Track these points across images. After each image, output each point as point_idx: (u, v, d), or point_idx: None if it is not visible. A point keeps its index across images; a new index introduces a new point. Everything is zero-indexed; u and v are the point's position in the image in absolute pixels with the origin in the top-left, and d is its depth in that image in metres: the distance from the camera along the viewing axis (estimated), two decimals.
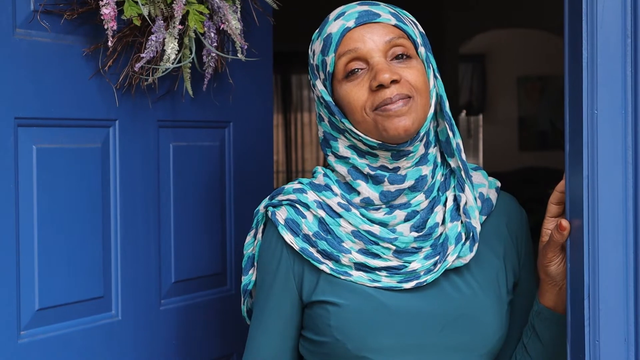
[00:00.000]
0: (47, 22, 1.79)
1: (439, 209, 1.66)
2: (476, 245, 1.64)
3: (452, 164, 1.68)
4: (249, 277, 1.74)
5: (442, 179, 1.69)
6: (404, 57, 1.61)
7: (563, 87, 1.53)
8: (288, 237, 1.64)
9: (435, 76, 1.66)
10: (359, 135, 1.60)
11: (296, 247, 1.63)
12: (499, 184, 1.76)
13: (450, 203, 1.67)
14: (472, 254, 1.64)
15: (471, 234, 1.64)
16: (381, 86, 1.57)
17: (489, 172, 1.76)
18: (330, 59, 1.61)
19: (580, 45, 1.43)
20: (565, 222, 1.54)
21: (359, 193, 1.64)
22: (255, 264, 1.73)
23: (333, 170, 1.69)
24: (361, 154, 1.63)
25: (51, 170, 1.82)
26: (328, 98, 1.63)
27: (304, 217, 1.64)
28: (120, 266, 1.97)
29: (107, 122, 1.93)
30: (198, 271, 2.17)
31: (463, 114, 10.06)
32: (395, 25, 1.62)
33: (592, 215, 1.44)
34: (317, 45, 1.65)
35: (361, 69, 1.60)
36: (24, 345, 1.77)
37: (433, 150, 1.67)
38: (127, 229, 1.98)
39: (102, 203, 1.93)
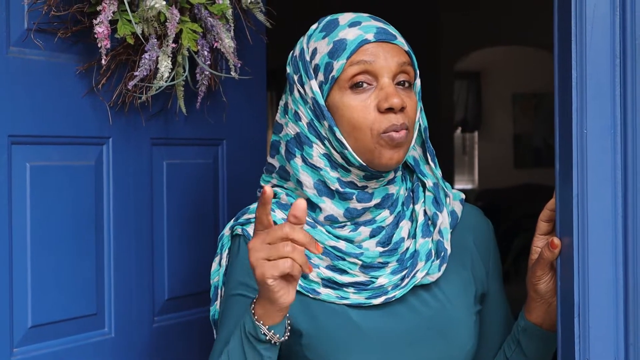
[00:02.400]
0: (41, 41, 1.80)
1: (404, 223, 1.66)
2: (444, 266, 1.64)
3: (430, 184, 1.69)
4: (215, 307, 1.71)
5: (406, 194, 1.69)
6: (406, 84, 1.61)
7: None
8: None
9: (420, 108, 1.66)
10: (345, 149, 1.58)
11: None
12: (463, 196, 1.75)
13: (421, 218, 1.67)
14: (440, 274, 1.64)
15: (442, 254, 1.64)
16: (389, 109, 1.56)
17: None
18: (339, 64, 1.58)
19: (570, 65, 1.44)
20: (557, 240, 1.54)
21: (321, 210, 1.63)
22: (220, 290, 1.69)
23: (293, 186, 1.66)
24: (334, 165, 1.61)
25: (45, 188, 1.82)
26: (322, 102, 1.60)
27: None
28: (114, 283, 1.97)
29: (100, 140, 1.94)
30: (191, 288, 2.17)
31: (458, 130, 10.08)
32: (407, 52, 1.62)
33: (582, 234, 1.44)
34: (322, 45, 1.61)
35: (368, 84, 1.58)
36: None
37: (399, 173, 1.68)
38: (121, 246, 1.98)
39: (96, 220, 1.93)
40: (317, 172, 1.62)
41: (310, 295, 1.60)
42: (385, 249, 1.63)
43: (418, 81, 1.65)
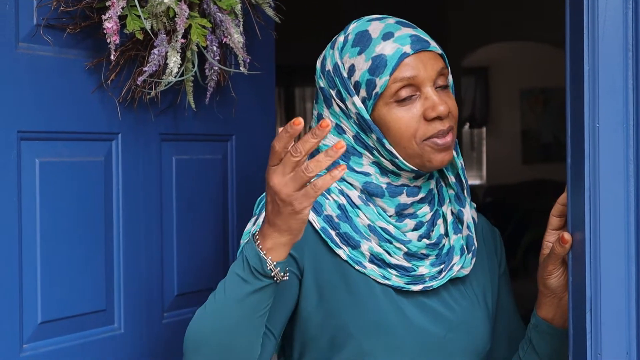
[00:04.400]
0: (50, 36, 1.80)
1: (439, 222, 1.70)
2: (474, 259, 1.70)
3: (452, 179, 1.71)
4: None
5: (437, 192, 1.73)
6: (444, 87, 1.64)
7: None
8: (310, 215, 1.59)
9: None
10: (397, 158, 1.61)
11: (317, 226, 1.60)
12: (475, 206, 1.80)
13: (450, 217, 1.70)
14: (471, 267, 1.69)
15: (472, 248, 1.69)
16: (437, 117, 1.59)
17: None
18: (382, 81, 1.59)
19: (582, 58, 1.44)
20: (567, 235, 1.54)
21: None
22: None
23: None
24: (384, 172, 1.64)
25: (54, 184, 1.82)
26: (367, 117, 1.61)
27: (327, 198, 1.63)
28: (123, 279, 1.97)
29: (109, 136, 1.94)
30: (201, 284, 2.17)
31: (466, 126, 10.06)
32: (441, 55, 1.65)
33: (594, 228, 1.44)
34: (359, 62, 1.62)
35: (414, 95, 1.60)
36: (26, 359, 1.77)
37: None
38: (130, 242, 1.98)
39: (105, 216, 1.93)
40: (366, 177, 1.65)
41: (356, 267, 1.60)
42: (431, 242, 1.66)
43: (450, 78, 1.68)
